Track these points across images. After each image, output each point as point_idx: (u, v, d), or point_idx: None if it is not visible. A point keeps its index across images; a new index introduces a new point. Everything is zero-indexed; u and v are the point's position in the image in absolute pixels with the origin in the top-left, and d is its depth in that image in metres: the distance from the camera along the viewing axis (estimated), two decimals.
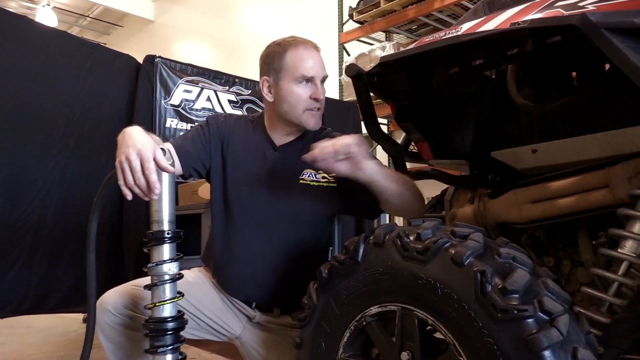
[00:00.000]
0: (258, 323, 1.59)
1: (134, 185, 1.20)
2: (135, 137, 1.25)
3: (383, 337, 1.14)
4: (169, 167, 1.23)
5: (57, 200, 2.78)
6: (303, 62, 1.53)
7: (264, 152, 1.60)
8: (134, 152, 1.20)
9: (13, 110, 2.58)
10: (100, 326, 1.43)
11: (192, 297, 1.52)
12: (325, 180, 1.58)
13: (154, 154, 1.21)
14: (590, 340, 0.97)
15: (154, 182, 1.19)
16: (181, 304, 1.50)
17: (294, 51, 1.54)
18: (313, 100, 1.54)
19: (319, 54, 1.59)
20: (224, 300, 1.59)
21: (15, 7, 10.25)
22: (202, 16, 9.44)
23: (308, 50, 1.55)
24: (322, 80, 1.57)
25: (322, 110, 1.59)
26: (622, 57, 0.96)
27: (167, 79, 3.69)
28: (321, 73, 1.57)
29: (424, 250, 1.04)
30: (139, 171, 1.19)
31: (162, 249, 1.23)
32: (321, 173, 1.58)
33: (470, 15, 1.39)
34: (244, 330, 1.59)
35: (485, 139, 1.57)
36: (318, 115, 1.58)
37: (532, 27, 1.09)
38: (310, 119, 1.56)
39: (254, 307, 1.58)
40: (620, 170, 1.20)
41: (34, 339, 3.39)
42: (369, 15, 5.14)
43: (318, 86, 1.55)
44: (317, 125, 1.59)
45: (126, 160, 1.20)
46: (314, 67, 1.54)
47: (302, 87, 1.53)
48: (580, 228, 1.36)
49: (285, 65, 1.54)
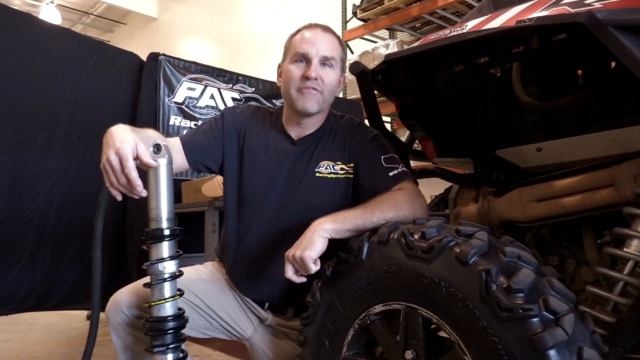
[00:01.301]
0: (269, 326, 1.56)
1: (118, 185, 1.19)
2: (115, 136, 1.22)
3: (387, 335, 1.14)
4: (151, 162, 1.20)
5: (60, 197, 2.78)
6: (301, 40, 1.50)
7: (282, 146, 1.56)
8: (112, 152, 1.18)
9: (16, 107, 2.58)
10: (113, 325, 1.42)
11: (207, 296, 1.51)
12: (344, 171, 1.52)
13: (135, 151, 1.19)
14: (595, 340, 0.97)
15: (133, 179, 1.16)
16: (196, 304, 1.49)
17: (300, 33, 1.52)
18: (304, 79, 1.46)
19: (326, 34, 1.52)
20: (237, 300, 1.57)
21: (19, 5, 10.24)
22: (205, 14, 9.43)
23: (311, 30, 1.51)
24: (322, 61, 1.48)
25: (324, 93, 1.49)
26: (628, 55, 0.95)
27: (171, 76, 3.69)
28: (320, 52, 1.47)
29: (428, 249, 1.03)
30: (118, 170, 1.17)
31: (160, 246, 1.22)
32: (339, 164, 1.52)
33: (475, 13, 1.38)
34: (255, 332, 1.56)
35: (490, 137, 1.56)
36: (314, 97, 1.48)
37: (538, 24, 1.08)
38: (300, 98, 1.47)
39: (267, 309, 1.56)
40: (626, 169, 1.19)
41: (37, 336, 3.40)
42: (373, 13, 5.12)
43: (312, 64, 1.47)
44: (310, 108, 1.49)
45: (107, 161, 1.18)
46: (310, 45, 1.47)
47: (297, 65, 1.49)
48: (585, 227, 1.36)
49: (290, 46, 1.53)
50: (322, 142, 1.56)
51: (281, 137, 1.57)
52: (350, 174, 1.52)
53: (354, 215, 1.30)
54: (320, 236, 1.25)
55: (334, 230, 1.27)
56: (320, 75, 1.47)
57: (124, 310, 1.41)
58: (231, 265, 1.57)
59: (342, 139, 1.55)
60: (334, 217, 1.30)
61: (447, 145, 1.66)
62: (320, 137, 1.56)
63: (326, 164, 1.52)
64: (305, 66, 1.48)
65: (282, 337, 1.56)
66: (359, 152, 1.52)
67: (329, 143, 1.55)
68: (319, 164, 1.52)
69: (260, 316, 1.55)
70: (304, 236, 1.27)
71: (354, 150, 1.53)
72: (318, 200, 1.49)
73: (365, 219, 1.29)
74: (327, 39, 1.51)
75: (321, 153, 1.54)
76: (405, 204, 1.34)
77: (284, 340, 1.55)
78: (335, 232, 1.27)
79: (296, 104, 1.49)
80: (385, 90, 1.63)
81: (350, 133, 1.56)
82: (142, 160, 1.19)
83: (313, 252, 1.22)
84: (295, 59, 1.48)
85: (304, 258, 1.21)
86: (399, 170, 1.45)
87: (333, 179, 1.51)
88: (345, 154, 1.53)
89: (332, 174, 1.52)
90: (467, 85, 1.62)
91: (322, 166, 1.52)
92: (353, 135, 1.55)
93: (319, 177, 1.51)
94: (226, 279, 1.59)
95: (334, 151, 1.54)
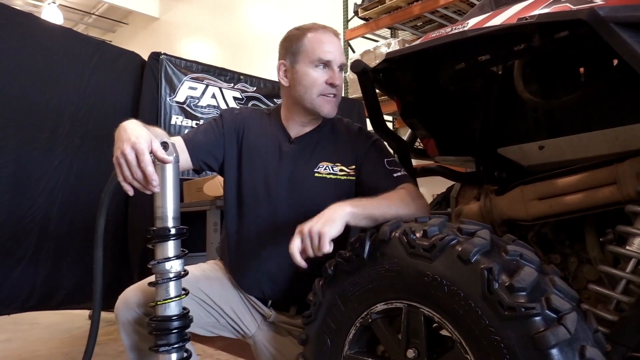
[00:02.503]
0: (272, 323, 1.57)
1: (132, 180, 1.19)
2: (129, 131, 1.22)
3: (389, 334, 1.14)
4: (166, 158, 1.20)
5: (62, 197, 2.79)
6: (322, 45, 1.50)
7: (280, 144, 1.58)
8: (128, 146, 1.17)
9: (18, 107, 2.58)
10: (122, 323, 1.42)
11: (213, 292, 1.51)
12: (344, 173, 1.54)
13: (150, 146, 1.19)
14: (598, 338, 0.97)
15: (150, 173, 1.16)
16: (204, 300, 1.49)
17: (313, 34, 1.52)
18: (329, 86, 1.51)
19: (338, 40, 1.56)
20: (242, 297, 1.57)
21: (21, 5, 10.26)
22: (207, 13, 9.44)
23: (327, 35, 1.53)
24: (340, 67, 1.53)
25: (338, 98, 1.55)
26: (631, 52, 0.95)
27: (172, 76, 3.69)
28: (339, 59, 1.52)
29: (430, 247, 1.03)
30: (134, 164, 1.17)
31: (166, 246, 1.22)
32: (338, 165, 1.55)
33: (476, 11, 1.38)
34: (258, 330, 1.57)
35: (492, 136, 1.56)
36: (334, 102, 1.54)
37: (540, 22, 1.08)
38: (324, 104, 1.52)
39: (270, 306, 1.57)
40: (628, 167, 1.19)
41: (39, 335, 3.41)
42: (374, 12, 5.12)
43: (335, 71, 1.51)
44: (332, 112, 1.55)
45: (121, 155, 1.18)
46: (332, 52, 1.51)
47: (319, 70, 1.50)
48: (588, 225, 1.35)
49: (303, 47, 1.51)
50: (321, 143, 1.58)
51: (279, 135, 1.60)
52: (351, 176, 1.54)
53: (370, 204, 1.30)
54: (341, 217, 1.23)
55: (352, 215, 1.25)
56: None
57: (135, 309, 1.41)
58: (232, 263, 1.58)
59: (343, 142, 1.58)
60: (353, 202, 1.29)
61: (449, 143, 1.65)
62: (320, 138, 1.58)
63: (326, 165, 1.55)
64: (326, 71, 1.51)
65: (285, 335, 1.56)
66: (362, 155, 1.55)
67: (330, 145, 1.58)
68: (318, 164, 1.55)
69: (264, 313, 1.56)
70: (323, 214, 1.25)
71: (356, 154, 1.56)
72: (317, 199, 1.50)
73: (379, 210, 1.29)
74: (339, 44, 1.56)
75: (321, 154, 1.56)
76: (412, 202, 1.37)
77: (287, 338, 1.56)
78: (353, 217, 1.25)
79: (319, 109, 1.52)
80: (387, 89, 1.63)
81: (352, 137, 1.60)
82: (158, 156, 1.19)
83: (333, 229, 1.20)
84: (315, 64, 1.50)
85: (323, 233, 1.19)
86: (401, 173, 1.50)
87: (332, 179, 1.54)
88: (347, 156, 1.56)
89: (332, 174, 1.54)
90: (468, 83, 1.61)
91: (322, 167, 1.54)
92: (355, 139, 1.59)
93: (318, 177, 1.53)
94: (229, 277, 1.60)
95: (335, 153, 1.56)
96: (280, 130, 1.60)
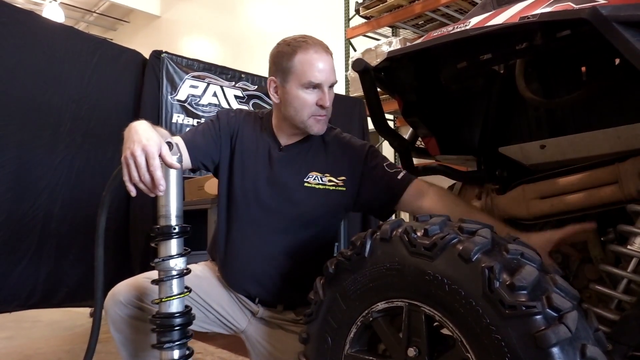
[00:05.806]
0: (262, 318, 1.60)
1: (139, 182, 1.19)
2: (140, 132, 1.23)
3: (390, 333, 1.14)
4: (174, 164, 1.21)
5: (64, 195, 2.79)
6: (312, 67, 1.48)
7: (270, 150, 1.60)
8: (139, 148, 1.18)
9: (19, 106, 2.59)
10: (112, 318, 1.44)
11: (200, 290, 1.53)
12: (333, 184, 1.56)
13: (160, 150, 1.20)
14: (599, 337, 0.97)
15: (158, 178, 1.17)
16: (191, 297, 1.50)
17: (303, 54, 1.49)
18: (319, 107, 1.51)
19: (329, 58, 1.54)
20: (230, 294, 1.60)
21: (22, 3, 10.27)
22: (208, 11, 9.45)
23: (318, 54, 1.50)
24: (330, 86, 1.53)
25: (328, 115, 1.56)
26: (633, 51, 0.95)
27: (174, 74, 3.69)
28: (330, 79, 1.52)
29: (431, 246, 1.03)
30: (143, 167, 1.18)
31: (169, 244, 1.23)
32: (327, 176, 1.56)
33: (478, 9, 1.38)
34: (249, 324, 1.60)
35: (493, 135, 1.56)
36: (323, 121, 1.55)
37: (542, 20, 1.07)
38: (315, 124, 1.53)
39: (257, 303, 1.59)
40: (630, 166, 1.19)
41: (41, 333, 3.41)
42: (376, 11, 5.12)
43: (325, 92, 1.50)
44: (322, 130, 1.56)
45: (131, 156, 1.18)
46: (322, 73, 1.49)
47: (309, 92, 1.49)
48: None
49: (293, 68, 1.49)
50: (311, 153, 1.60)
51: (270, 141, 1.62)
52: (340, 187, 1.57)
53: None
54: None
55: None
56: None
57: (122, 300, 1.43)
58: (221, 262, 1.62)
59: (333, 153, 1.60)
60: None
61: (450, 142, 1.65)
62: (310, 148, 1.60)
63: (315, 175, 1.57)
64: (317, 93, 1.51)
65: (276, 328, 1.60)
66: (359, 165, 1.57)
67: (320, 155, 1.60)
68: (307, 174, 1.57)
69: (252, 310, 1.59)
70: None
71: (346, 165, 1.58)
72: (306, 208, 1.55)
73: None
74: (330, 62, 1.54)
75: (310, 164, 1.58)
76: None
77: (279, 331, 1.59)
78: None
79: (310, 128, 1.54)
80: (388, 88, 1.63)
81: (342, 148, 1.62)
82: (166, 161, 1.21)
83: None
84: (306, 86, 1.50)
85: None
86: (402, 172, 1.54)
87: (321, 189, 1.56)
88: (336, 167, 1.58)
89: (320, 184, 1.56)
90: (470, 82, 1.61)
91: (311, 177, 1.56)
92: (345, 150, 1.61)
93: (307, 187, 1.56)
94: (218, 276, 1.62)
95: (324, 164, 1.58)
96: (271, 136, 1.62)
